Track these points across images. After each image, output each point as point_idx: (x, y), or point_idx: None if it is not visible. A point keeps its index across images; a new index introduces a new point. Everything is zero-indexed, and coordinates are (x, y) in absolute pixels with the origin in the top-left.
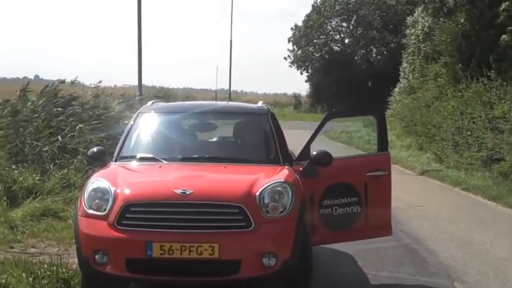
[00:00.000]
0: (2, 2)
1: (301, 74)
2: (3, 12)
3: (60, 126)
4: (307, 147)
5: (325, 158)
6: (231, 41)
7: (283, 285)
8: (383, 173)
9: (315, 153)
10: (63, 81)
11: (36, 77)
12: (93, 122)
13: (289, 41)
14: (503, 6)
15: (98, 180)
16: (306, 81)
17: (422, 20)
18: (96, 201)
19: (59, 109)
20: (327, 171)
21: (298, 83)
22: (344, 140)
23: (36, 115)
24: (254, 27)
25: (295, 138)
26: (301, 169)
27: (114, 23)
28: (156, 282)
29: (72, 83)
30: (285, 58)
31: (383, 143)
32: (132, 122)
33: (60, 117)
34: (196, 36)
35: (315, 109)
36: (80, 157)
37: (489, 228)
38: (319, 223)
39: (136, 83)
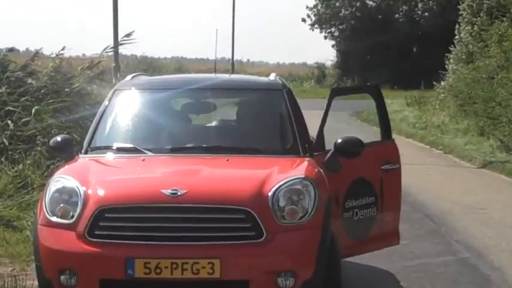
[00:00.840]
0: None
1: (326, 38)
2: None
3: (11, 108)
4: (320, 134)
5: (354, 147)
6: None
7: None
8: (395, 167)
9: (340, 140)
10: (11, 50)
11: None
12: (53, 101)
13: None
14: None
15: (63, 178)
16: (332, 47)
17: None
18: (61, 205)
19: (6, 88)
20: (347, 164)
21: (321, 50)
22: None
23: None
24: None
25: (319, 122)
26: (324, 161)
27: None
28: None
29: (35, 55)
30: (303, 20)
31: (386, 128)
32: (106, 102)
33: (11, 97)
34: None
35: (344, 83)
36: (38, 148)
37: None
38: (342, 231)
39: (110, 52)
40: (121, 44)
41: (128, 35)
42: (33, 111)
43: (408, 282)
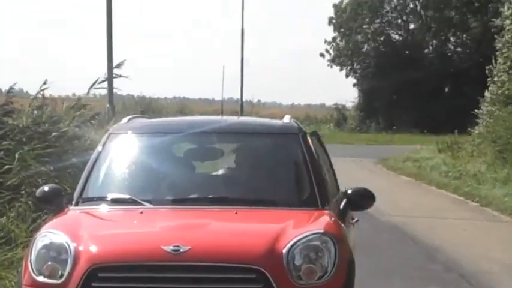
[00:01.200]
0: None
1: (347, 76)
2: None
3: None
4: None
5: (366, 198)
6: (242, 29)
7: None
8: None
9: (350, 191)
10: None
11: None
12: (38, 146)
13: (329, 22)
14: None
15: (51, 233)
16: (353, 86)
17: None
18: (49, 263)
19: None
20: None
21: (341, 90)
22: (410, 171)
23: None
24: (275, 11)
25: (338, 169)
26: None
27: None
28: None
29: (8, 91)
30: (321, 54)
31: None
32: (100, 148)
33: None
34: (192, 27)
35: (367, 127)
36: (23, 199)
37: None
38: None
39: (104, 91)
40: (114, 77)
41: (119, 64)
42: (16, 156)
43: None
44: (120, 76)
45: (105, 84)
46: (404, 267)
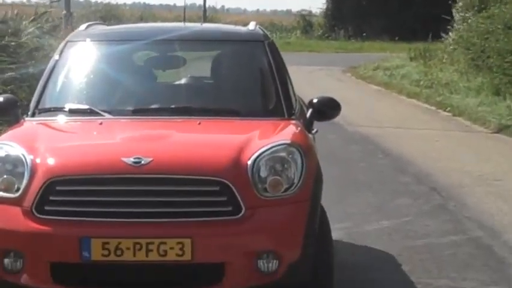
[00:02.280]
0: None
1: None
2: None
3: None
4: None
5: (332, 108)
6: None
7: None
8: None
9: (316, 100)
10: None
11: None
12: None
13: None
14: None
15: (6, 145)
16: None
17: None
18: (5, 176)
19: None
20: None
21: None
22: (380, 80)
23: None
24: None
25: (306, 78)
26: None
27: None
28: None
29: None
30: None
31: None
32: (57, 57)
33: None
34: None
35: (335, 34)
36: None
37: None
38: None
39: None
40: None
41: None
42: None
43: (411, 266)
44: None
45: None
46: (374, 180)
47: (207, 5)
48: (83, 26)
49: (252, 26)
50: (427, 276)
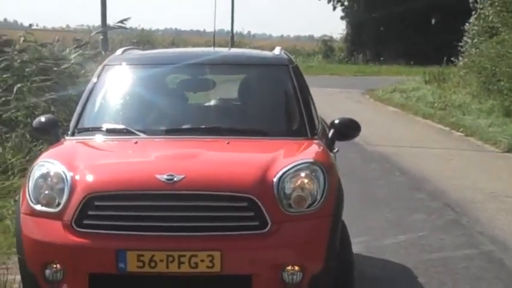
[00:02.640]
0: None
1: (334, 8)
2: None
3: None
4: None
5: (352, 129)
6: None
7: None
8: None
9: (337, 121)
10: None
11: None
12: (37, 79)
13: None
14: None
15: (48, 163)
16: (341, 18)
17: None
18: (46, 192)
19: None
20: None
21: (329, 22)
22: (397, 102)
23: None
24: None
25: (327, 100)
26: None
27: None
28: None
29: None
30: None
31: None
32: (95, 79)
33: None
34: None
35: (354, 58)
36: (20, 130)
37: None
38: None
39: (98, 22)
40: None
41: (121, 21)
42: (15, 89)
43: (427, 278)
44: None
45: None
46: (391, 197)
47: (234, 31)
48: (119, 51)
49: (277, 50)
50: None
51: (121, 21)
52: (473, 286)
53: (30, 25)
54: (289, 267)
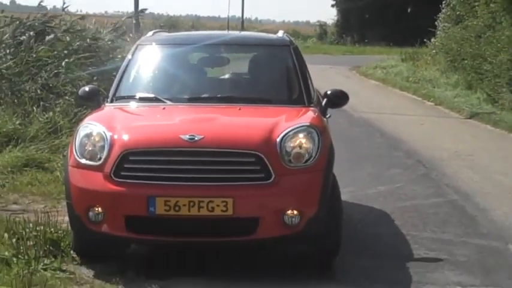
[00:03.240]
0: None
1: None
2: None
3: (42, 58)
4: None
5: (342, 98)
6: None
7: (309, 247)
8: None
9: (329, 92)
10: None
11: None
12: (81, 55)
13: None
14: None
15: (91, 125)
16: (332, 6)
17: None
18: (90, 148)
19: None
20: None
21: (323, 10)
22: (378, 76)
23: (7, 44)
24: None
25: (320, 75)
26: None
27: None
28: (161, 243)
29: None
30: None
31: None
32: (129, 56)
33: (41, 48)
34: None
35: (344, 40)
36: (67, 98)
37: None
38: None
39: (131, 9)
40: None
41: (142, 10)
42: (63, 63)
43: (402, 221)
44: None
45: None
46: (373, 155)
47: (244, 17)
48: (150, 33)
49: (280, 33)
50: (414, 230)
51: (141, 11)
52: (440, 228)
53: (65, 7)
54: (289, 212)
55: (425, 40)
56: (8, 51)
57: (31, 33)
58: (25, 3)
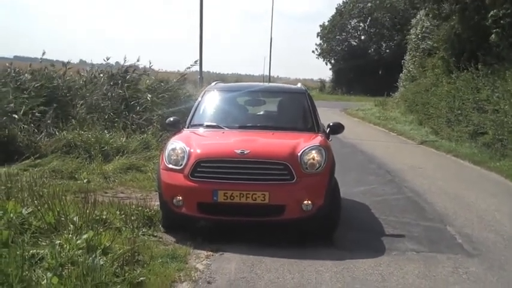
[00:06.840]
0: None
1: (326, 64)
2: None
3: (132, 96)
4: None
5: (340, 128)
6: (271, 38)
7: (317, 225)
8: None
9: (331, 124)
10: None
11: (82, 61)
12: (160, 95)
13: (317, 35)
14: (491, 12)
15: (175, 142)
16: (330, 69)
17: (421, 22)
18: (174, 158)
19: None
20: None
21: (323, 71)
22: (360, 116)
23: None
24: (288, 25)
25: (321, 114)
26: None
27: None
28: (220, 221)
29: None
30: (312, 51)
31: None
32: (199, 98)
33: (132, 88)
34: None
35: (336, 91)
36: (155, 124)
37: (474, 186)
38: None
39: (181, 69)
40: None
41: (196, 61)
42: (149, 99)
43: (375, 210)
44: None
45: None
46: (356, 166)
47: (266, 74)
48: (213, 83)
49: (299, 85)
50: (384, 215)
51: (190, 66)
52: (401, 214)
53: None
54: (305, 202)
55: (391, 93)
56: (109, 94)
57: (121, 80)
58: (27, 54)
